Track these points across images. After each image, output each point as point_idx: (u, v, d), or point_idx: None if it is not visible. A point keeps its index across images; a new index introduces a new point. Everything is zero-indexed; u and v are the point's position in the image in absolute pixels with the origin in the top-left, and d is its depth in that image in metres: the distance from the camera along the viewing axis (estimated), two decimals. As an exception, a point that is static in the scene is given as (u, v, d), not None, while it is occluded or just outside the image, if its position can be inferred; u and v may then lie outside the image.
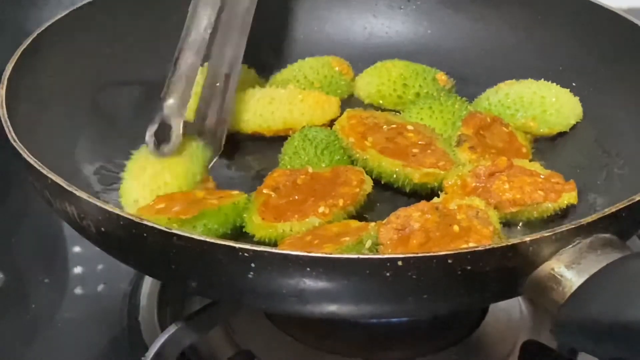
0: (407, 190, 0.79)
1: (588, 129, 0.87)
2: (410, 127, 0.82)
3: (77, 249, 0.92)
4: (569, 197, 0.75)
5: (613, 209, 0.62)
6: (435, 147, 0.80)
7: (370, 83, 0.94)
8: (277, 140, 0.85)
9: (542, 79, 0.90)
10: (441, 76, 0.92)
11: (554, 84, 0.89)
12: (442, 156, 0.79)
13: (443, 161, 0.78)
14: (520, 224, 0.76)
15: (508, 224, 0.76)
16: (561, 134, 0.88)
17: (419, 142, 0.81)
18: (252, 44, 0.97)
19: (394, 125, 0.82)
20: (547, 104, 0.87)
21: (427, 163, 0.78)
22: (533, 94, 0.88)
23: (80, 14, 0.87)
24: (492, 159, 0.78)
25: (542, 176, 0.76)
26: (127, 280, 0.87)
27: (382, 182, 0.79)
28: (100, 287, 0.87)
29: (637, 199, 0.63)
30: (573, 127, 0.88)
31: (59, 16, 0.85)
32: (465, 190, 0.76)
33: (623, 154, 0.82)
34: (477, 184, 0.76)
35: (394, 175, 0.78)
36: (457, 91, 0.92)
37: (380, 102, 0.93)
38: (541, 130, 0.87)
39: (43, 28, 0.83)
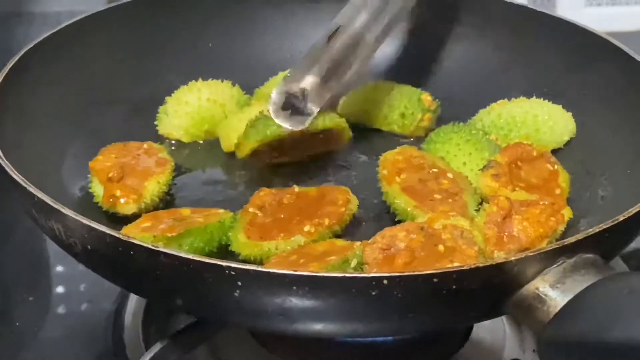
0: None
1: (573, 150, 0.87)
2: (449, 175, 0.80)
3: (60, 268, 0.92)
4: (567, 211, 0.75)
5: (597, 229, 0.62)
6: (459, 198, 0.78)
7: (356, 102, 0.94)
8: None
9: (527, 100, 0.90)
10: (426, 97, 0.91)
11: (546, 100, 0.89)
12: (460, 208, 0.76)
13: (456, 212, 0.75)
14: None
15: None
16: (545, 155, 0.88)
17: (448, 190, 0.78)
18: (237, 62, 0.98)
19: (435, 170, 0.80)
20: (539, 122, 0.86)
21: (439, 210, 0.75)
22: (525, 113, 0.87)
23: (66, 32, 0.87)
24: (512, 190, 0.76)
25: (542, 202, 0.74)
26: (111, 299, 0.86)
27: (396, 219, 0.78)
28: (83, 306, 0.87)
29: (621, 219, 0.64)
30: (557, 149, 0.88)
31: (47, 34, 0.85)
32: (491, 242, 0.72)
33: (607, 175, 0.82)
34: (500, 234, 0.72)
35: (405, 214, 0.77)
36: (442, 112, 0.92)
37: (365, 121, 0.93)
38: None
39: (30, 46, 0.83)
